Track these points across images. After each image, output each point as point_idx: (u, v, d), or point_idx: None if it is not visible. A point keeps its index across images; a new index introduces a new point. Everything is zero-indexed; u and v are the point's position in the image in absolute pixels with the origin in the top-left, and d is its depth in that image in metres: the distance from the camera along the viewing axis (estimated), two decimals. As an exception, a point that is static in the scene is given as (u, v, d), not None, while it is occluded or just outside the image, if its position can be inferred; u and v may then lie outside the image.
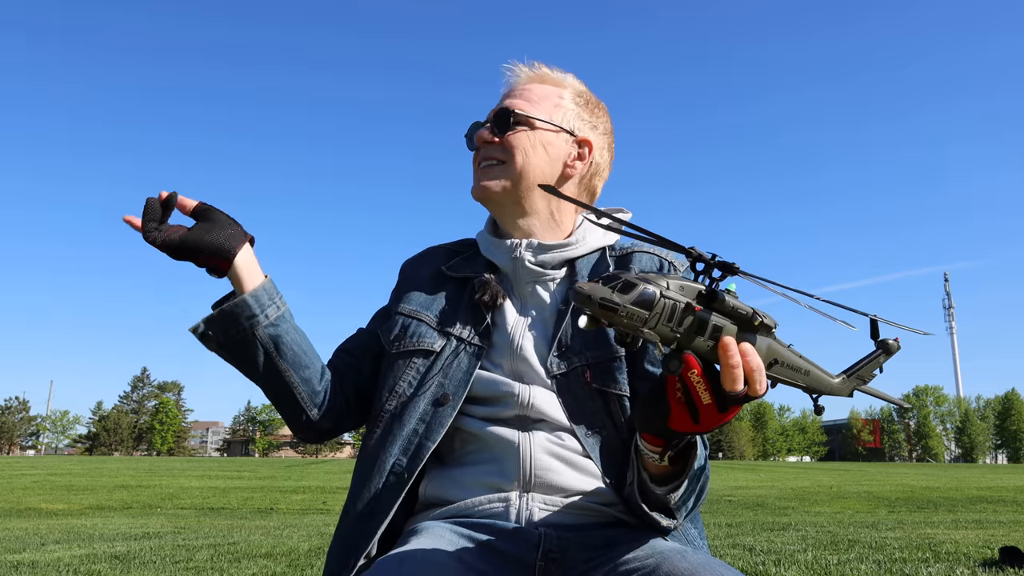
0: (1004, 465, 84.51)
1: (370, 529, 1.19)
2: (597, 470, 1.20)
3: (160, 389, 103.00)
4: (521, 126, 1.34)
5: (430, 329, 1.30)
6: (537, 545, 1.13)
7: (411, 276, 1.42)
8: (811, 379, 0.97)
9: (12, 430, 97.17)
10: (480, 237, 1.41)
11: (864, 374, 1.03)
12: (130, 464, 35.82)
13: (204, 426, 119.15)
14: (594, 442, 1.21)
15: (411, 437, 1.22)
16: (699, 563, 1.01)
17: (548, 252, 1.31)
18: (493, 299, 1.29)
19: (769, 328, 0.91)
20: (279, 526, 8.86)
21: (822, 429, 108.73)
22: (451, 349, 1.27)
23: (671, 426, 0.93)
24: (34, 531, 8.24)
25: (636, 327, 0.83)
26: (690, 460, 1.06)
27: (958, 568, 4.57)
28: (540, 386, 1.23)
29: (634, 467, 1.12)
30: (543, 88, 1.38)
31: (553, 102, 1.37)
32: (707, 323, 0.86)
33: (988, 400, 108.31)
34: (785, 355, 0.94)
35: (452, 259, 1.40)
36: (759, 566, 4.73)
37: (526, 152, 1.33)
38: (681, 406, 0.91)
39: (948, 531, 7.30)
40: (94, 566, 5.04)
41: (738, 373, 0.86)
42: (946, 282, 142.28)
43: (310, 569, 4.91)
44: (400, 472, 1.21)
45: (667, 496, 1.09)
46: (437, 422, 1.22)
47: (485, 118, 1.39)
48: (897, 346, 1.02)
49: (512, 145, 1.33)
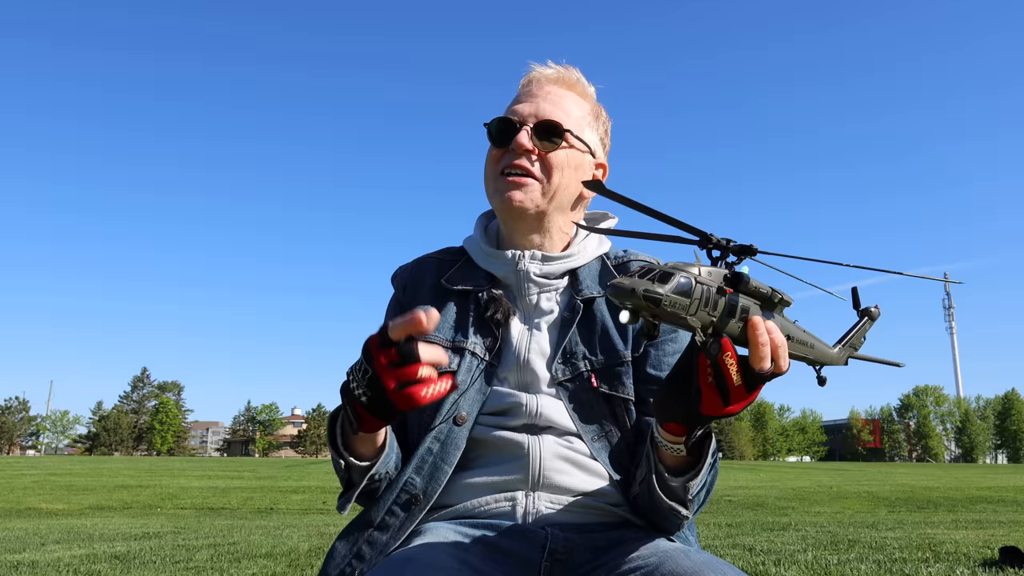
0: (1004, 465, 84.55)
1: (375, 539, 1.18)
2: (604, 471, 1.21)
3: (160, 389, 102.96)
4: (563, 142, 1.30)
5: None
6: (543, 545, 1.13)
7: (410, 291, 1.37)
8: (816, 352, 1.02)
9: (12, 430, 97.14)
10: (473, 247, 1.38)
11: (855, 342, 1.09)
12: (130, 464, 35.83)
13: (204, 426, 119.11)
14: (601, 446, 1.22)
15: (425, 456, 1.22)
16: (702, 562, 1.02)
17: (552, 263, 1.31)
18: (505, 317, 1.28)
19: (787, 304, 0.95)
20: (279, 526, 8.86)
21: (822, 429, 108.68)
22: (465, 367, 1.26)
23: (702, 411, 0.94)
24: (34, 531, 8.24)
25: (679, 315, 0.85)
26: (705, 448, 1.07)
27: (958, 568, 4.57)
28: (546, 395, 1.24)
29: (650, 460, 1.12)
30: (572, 98, 1.35)
31: (585, 120, 1.35)
32: (736, 305, 0.89)
33: (988, 400, 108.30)
34: (795, 331, 0.98)
35: (447, 270, 1.37)
36: (759, 566, 4.73)
37: (563, 172, 1.30)
38: (712, 389, 0.92)
39: (948, 531, 7.30)
40: (94, 566, 5.04)
41: (766, 351, 0.89)
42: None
43: (310, 569, 4.91)
44: (414, 492, 1.20)
45: (686, 485, 1.09)
46: (453, 443, 1.21)
47: (512, 114, 1.31)
48: (878, 312, 1.09)
49: (553, 164, 1.29)
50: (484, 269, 1.34)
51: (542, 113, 1.30)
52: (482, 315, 1.29)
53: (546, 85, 1.34)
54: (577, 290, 1.31)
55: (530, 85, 1.35)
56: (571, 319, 1.28)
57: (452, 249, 1.43)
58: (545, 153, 1.29)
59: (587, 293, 1.30)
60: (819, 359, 1.03)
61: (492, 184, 1.33)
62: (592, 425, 1.23)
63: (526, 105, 1.32)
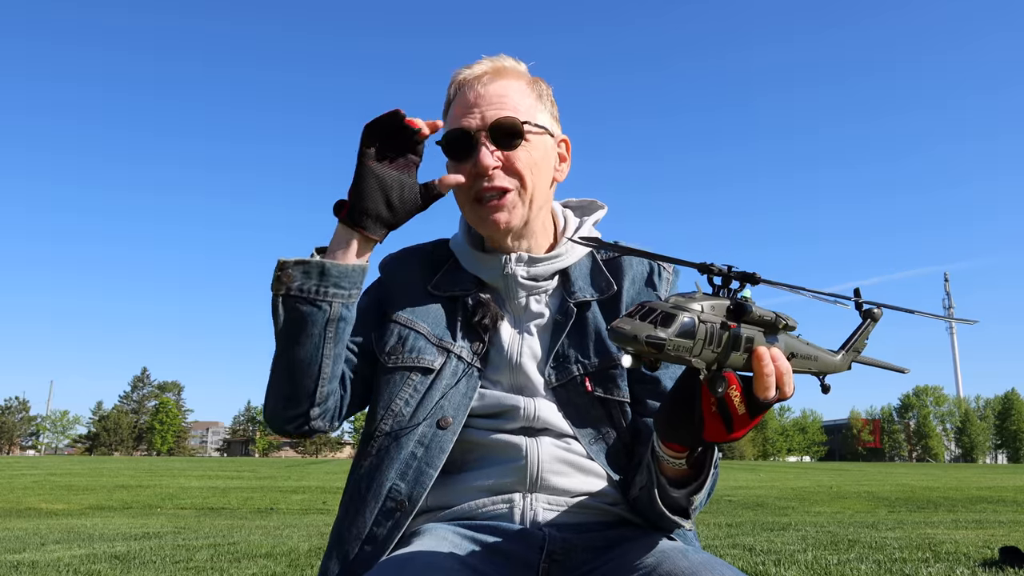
0: (1004, 465, 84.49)
1: (367, 554, 1.16)
2: (602, 472, 1.20)
3: (160, 389, 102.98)
4: (518, 139, 1.22)
5: (428, 344, 1.26)
6: (541, 546, 1.13)
7: (396, 277, 1.35)
8: (820, 363, 1.00)
9: (12, 430, 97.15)
10: (460, 249, 1.35)
11: (858, 345, 1.07)
12: (130, 464, 35.81)
13: (204, 426, 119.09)
14: (598, 448, 1.21)
15: (409, 461, 1.20)
16: (700, 562, 1.02)
17: (539, 265, 1.29)
18: (493, 322, 1.27)
19: (791, 329, 0.93)
20: (279, 526, 8.86)
21: (822, 429, 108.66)
22: (450, 369, 1.24)
23: (705, 438, 0.93)
24: (34, 531, 8.24)
25: (683, 358, 0.82)
26: (707, 460, 1.06)
27: (958, 568, 4.57)
28: (542, 398, 1.23)
29: (651, 472, 1.10)
30: (513, 86, 1.26)
31: (529, 102, 1.26)
32: (740, 337, 0.87)
33: (988, 400, 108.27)
34: (799, 347, 0.97)
35: (434, 271, 1.34)
36: (759, 566, 4.72)
37: (531, 171, 1.24)
38: (716, 418, 0.91)
39: (948, 531, 7.30)
40: (94, 566, 5.03)
41: (771, 381, 0.87)
42: (946, 282, 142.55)
43: (310, 569, 4.91)
44: (399, 498, 1.18)
45: (689, 499, 1.09)
46: (438, 447, 1.20)
47: (461, 127, 1.23)
48: (880, 313, 1.06)
49: (522, 167, 1.23)
50: (471, 272, 1.33)
51: (492, 117, 1.21)
52: (470, 320, 1.28)
53: (481, 85, 1.25)
54: (569, 292, 1.29)
55: (465, 89, 1.25)
56: (563, 323, 1.26)
57: (440, 243, 1.40)
58: (510, 158, 1.23)
59: (580, 296, 1.28)
60: (823, 370, 1.01)
61: (470, 211, 1.27)
62: (588, 428, 1.22)
63: (473, 116, 1.23)
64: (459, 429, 1.21)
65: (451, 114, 1.27)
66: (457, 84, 1.28)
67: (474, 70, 1.27)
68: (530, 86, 1.29)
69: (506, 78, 1.27)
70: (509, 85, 1.26)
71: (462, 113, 1.24)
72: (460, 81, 1.27)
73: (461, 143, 1.23)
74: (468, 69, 1.28)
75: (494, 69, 1.27)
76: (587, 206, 1.42)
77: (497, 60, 1.30)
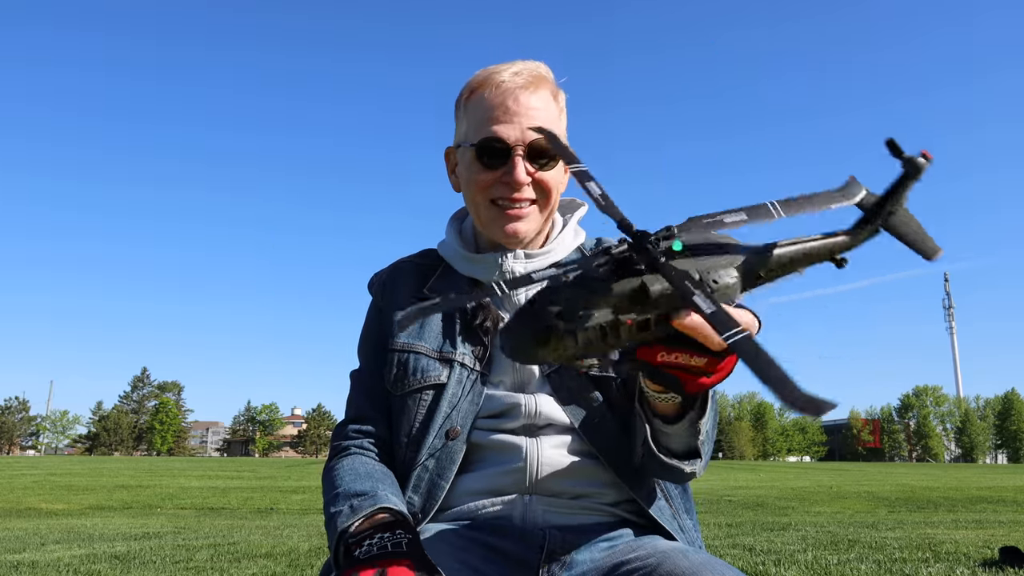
0: (1004, 465, 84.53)
1: None
2: (602, 471, 1.20)
3: (160, 389, 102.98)
4: (553, 162, 1.27)
5: (430, 360, 1.27)
6: (541, 546, 1.13)
7: (390, 299, 1.35)
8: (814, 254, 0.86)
9: (12, 430, 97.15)
10: (450, 252, 1.36)
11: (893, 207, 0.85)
12: (130, 464, 35.82)
13: (204, 426, 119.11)
14: (595, 434, 1.21)
15: (421, 475, 1.21)
16: (700, 562, 1.02)
17: (535, 260, 1.31)
18: (494, 324, 1.27)
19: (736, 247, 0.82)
20: (279, 526, 8.86)
21: (822, 429, 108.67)
22: (456, 377, 1.25)
23: (688, 391, 0.90)
24: (34, 531, 8.24)
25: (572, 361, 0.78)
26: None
27: (958, 568, 4.57)
28: (543, 392, 1.24)
29: (643, 419, 1.09)
30: (546, 99, 1.28)
31: (555, 116, 1.30)
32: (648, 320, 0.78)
33: (988, 400, 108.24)
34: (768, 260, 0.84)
35: (426, 278, 1.35)
36: (759, 566, 4.73)
37: (556, 190, 1.30)
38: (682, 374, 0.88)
39: (948, 531, 7.30)
40: (94, 566, 5.04)
41: (709, 331, 0.80)
42: (946, 282, 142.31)
43: (310, 569, 4.91)
44: (413, 511, 1.19)
45: (695, 427, 1.05)
46: (448, 458, 1.21)
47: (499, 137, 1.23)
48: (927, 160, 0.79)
49: (550, 185, 1.28)
50: (465, 275, 1.34)
51: (531, 134, 1.23)
52: (469, 324, 1.28)
53: (521, 93, 1.25)
54: None
55: (504, 95, 1.25)
56: None
57: (429, 253, 1.41)
58: (540, 176, 1.26)
59: None
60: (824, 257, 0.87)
61: (485, 212, 1.29)
62: (585, 411, 1.22)
63: (512, 127, 1.23)
64: (467, 436, 1.22)
65: (486, 115, 1.26)
66: (495, 84, 1.26)
67: (515, 78, 1.26)
68: (555, 99, 1.31)
69: (543, 88, 1.28)
70: (544, 98, 1.28)
71: (501, 119, 1.24)
72: (498, 82, 1.26)
73: (498, 154, 1.25)
74: (508, 70, 1.27)
75: (534, 79, 1.27)
76: (567, 204, 1.45)
77: (535, 68, 1.29)
